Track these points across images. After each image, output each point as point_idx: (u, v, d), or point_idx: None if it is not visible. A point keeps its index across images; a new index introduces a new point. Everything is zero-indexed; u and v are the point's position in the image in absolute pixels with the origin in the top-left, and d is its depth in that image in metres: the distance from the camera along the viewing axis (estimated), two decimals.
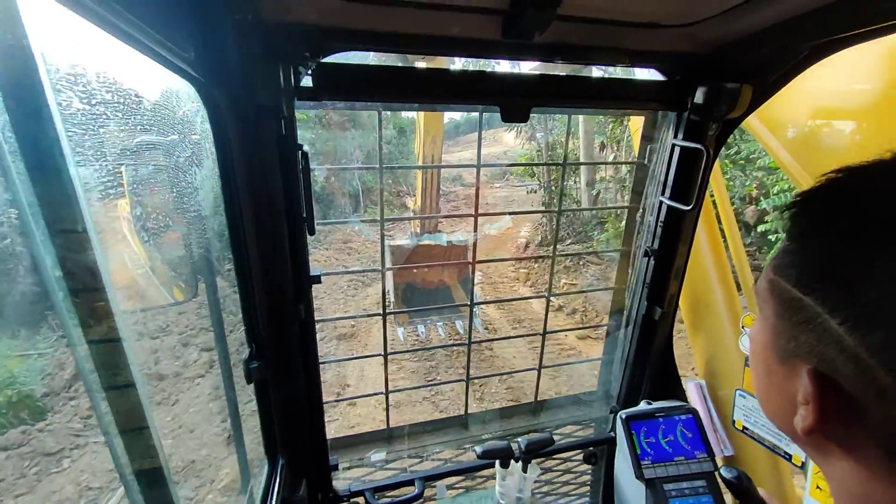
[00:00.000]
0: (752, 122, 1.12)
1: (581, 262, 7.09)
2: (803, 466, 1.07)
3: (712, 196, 1.39)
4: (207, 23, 0.64)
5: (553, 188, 8.59)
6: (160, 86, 0.82)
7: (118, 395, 0.55)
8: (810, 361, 0.35)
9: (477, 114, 1.13)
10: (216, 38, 0.67)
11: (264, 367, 0.92)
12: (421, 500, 1.34)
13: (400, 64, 0.91)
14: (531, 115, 0.95)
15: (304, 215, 0.92)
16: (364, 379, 4.66)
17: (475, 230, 1.38)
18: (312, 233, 0.93)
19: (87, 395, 0.56)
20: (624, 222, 1.39)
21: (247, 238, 0.85)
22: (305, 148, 0.88)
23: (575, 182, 9.08)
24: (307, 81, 0.84)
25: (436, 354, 5.10)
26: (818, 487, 1.04)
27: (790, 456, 1.10)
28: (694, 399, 1.33)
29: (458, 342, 5.01)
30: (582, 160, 8.46)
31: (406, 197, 11.68)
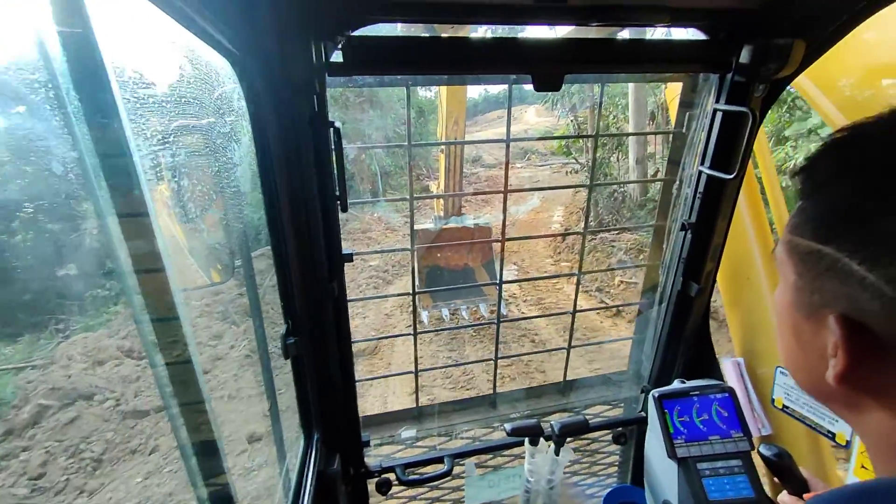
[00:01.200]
0: (803, 82, 1.05)
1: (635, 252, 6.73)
2: (848, 445, 1.03)
3: (755, 165, 1.32)
4: None
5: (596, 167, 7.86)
6: (199, 67, 0.83)
7: (178, 372, 0.57)
8: (836, 308, 0.36)
9: (496, 92, 1.11)
10: (251, 14, 0.67)
11: (301, 343, 0.94)
12: (450, 477, 1.37)
13: (427, 34, 0.89)
14: (563, 86, 0.92)
15: (338, 193, 0.92)
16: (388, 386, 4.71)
17: (504, 209, 1.36)
18: (345, 209, 0.93)
19: (150, 368, 0.58)
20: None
21: (282, 216, 0.86)
22: (338, 124, 0.88)
23: (618, 160, 8.13)
24: (337, 57, 0.83)
25: (458, 341, 5.13)
26: (863, 467, 1.00)
27: (833, 434, 1.07)
28: (731, 377, 1.30)
29: (486, 321, 5.03)
30: (632, 131, 7.91)
31: (427, 181, 11.43)
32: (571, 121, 8.59)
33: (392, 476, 1.30)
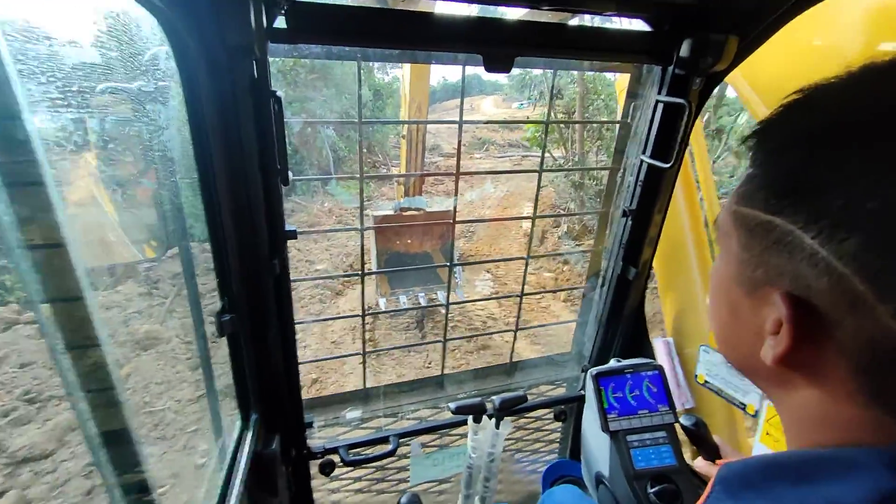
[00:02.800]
0: (736, 79, 1.12)
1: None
2: (756, 415, 1.14)
3: (691, 156, 1.40)
4: None
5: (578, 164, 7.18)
6: (124, 24, 0.75)
7: (81, 356, 0.53)
8: (782, 285, 0.34)
9: (454, 80, 1.10)
10: None
11: (237, 320, 0.91)
12: (395, 457, 1.38)
13: (378, 6, 0.86)
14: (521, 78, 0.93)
15: (279, 166, 0.88)
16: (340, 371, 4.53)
17: (456, 191, 1.36)
18: (286, 183, 0.90)
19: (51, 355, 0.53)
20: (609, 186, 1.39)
21: (218, 188, 0.81)
22: (279, 93, 0.83)
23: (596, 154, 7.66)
24: (281, 22, 0.79)
25: (415, 328, 5.12)
26: (768, 433, 1.11)
27: (745, 406, 1.17)
28: (661, 356, 1.39)
29: (438, 304, 5.06)
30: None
31: (384, 168, 11.04)
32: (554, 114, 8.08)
33: (336, 457, 1.29)
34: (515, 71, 1.02)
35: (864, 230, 0.29)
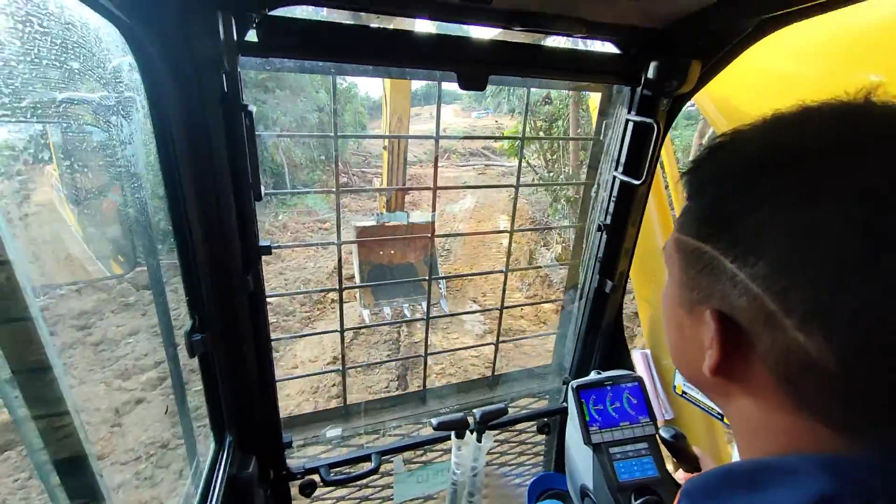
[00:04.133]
0: (703, 100, 1.16)
1: None
2: None
3: (663, 172, 1.44)
4: None
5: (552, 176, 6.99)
6: (87, 32, 0.74)
7: (30, 380, 0.50)
8: (711, 304, 0.38)
9: (415, 89, 1.10)
10: None
11: (208, 339, 0.88)
12: (378, 475, 1.35)
13: (353, 23, 0.86)
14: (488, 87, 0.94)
15: (251, 180, 0.87)
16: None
17: (433, 205, 1.36)
18: (259, 198, 0.88)
19: None
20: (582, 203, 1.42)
21: (187, 203, 0.79)
22: (251, 107, 0.83)
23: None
24: (252, 35, 0.78)
25: (404, 347, 5.04)
26: None
27: (722, 416, 1.19)
28: (640, 367, 1.40)
29: (417, 318, 5.02)
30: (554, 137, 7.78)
31: (342, 176, 10.73)
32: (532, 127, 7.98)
33: (316, 477, 1.25)
34: None
35: (769, 254, 0.33)
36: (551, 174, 7.49)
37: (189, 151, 0.76)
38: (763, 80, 1.13)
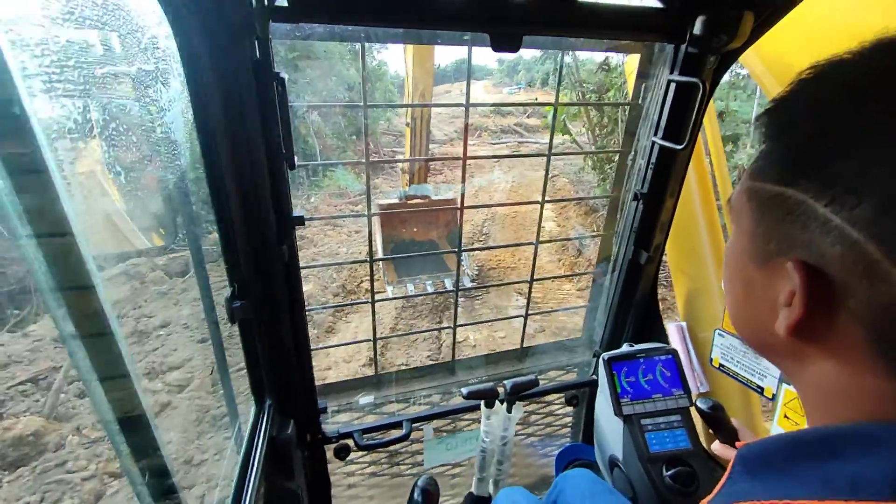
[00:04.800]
0: (751, 59, 1.08)
1: None
2: (774, 398, 1.12)
3: (704, 139, 1.37)
4: None
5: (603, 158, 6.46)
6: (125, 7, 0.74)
7: (95, 344, 0.53)
8: (794, 254, 0.35)
9: (444, 65, 1.07)
10: None
11: (248, 306, 0.91)
12: (409, 442, 1.39)
13: None
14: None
15: (284, 150, 0.87)
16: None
17: (463, 176, 1.34)
18: (293, 167, 0.89)
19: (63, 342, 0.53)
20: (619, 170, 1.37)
21: (224, 173, 0.80)
22: (283, 75, 0.82)
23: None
24: (283, 1, 0.77)
25: (429, 319, 5.07)
26: (786, 416, 1.10)
27: (762, 389, 1.16)
28: (675, 340, 1.37)
29: (446, 290, 5.05)
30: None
31: (374, 155, 10.62)
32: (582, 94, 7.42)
33: (350, 442, 1.30)
34: (508, 56, 0.99)
35: (876, 195, 0.29)
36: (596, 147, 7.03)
37: (224, 119, 0.76)
38: (813, 33, 1.04)
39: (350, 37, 0.95)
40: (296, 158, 0.90)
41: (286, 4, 0.76)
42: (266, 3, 0.74)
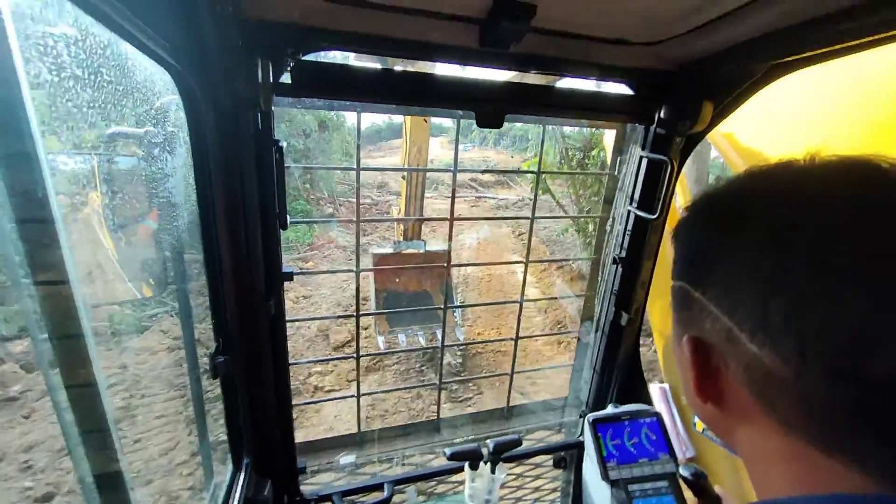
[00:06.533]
0: (717, 138, 1.18)
1: None
2: None
3: (679, 207, 1.45)
4: (187, 12, 0.65)
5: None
6: (136, 75, 0.82)
7: (80, 395, 0.54)
8: (688, 333, 0.43)
9: (400, 120, 1.15)
10: (195, 28, 0.67)
11: (231, 362, 0.91)
12: None
13: (379, 66, 0.93)
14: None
15: (277, 210, 0.92)
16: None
17: (450, 236, 1.40)
18: (285, 227, 0.93)
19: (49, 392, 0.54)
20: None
21: (218, 230, 0.84)
22: (282, 143, 0.89)
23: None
24: (286, 77, 0.85)
25: (419, 373, 4.93)
26: None
27: None
28: (658, 402, 1.37)
29: (433, 346, 4.98)
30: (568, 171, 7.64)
31: (328, 206, 10.32)
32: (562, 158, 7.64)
33: None
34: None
35: (722, 282, 0.39)
36: (582, 211, 7.14)
37: (224, 182, 0.82)
38: (775, 121, 1.15)
39: (346, 108, 1.04)
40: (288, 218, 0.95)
41: (289, 81, 0.84)
42: (271, 80, 0.82)
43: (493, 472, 1.27)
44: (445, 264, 1.52)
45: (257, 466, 1.07)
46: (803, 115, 1.06)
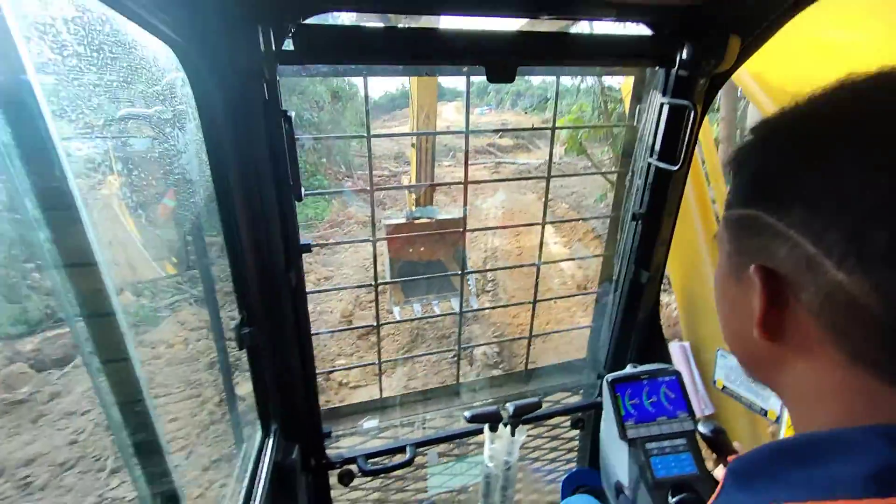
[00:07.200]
0: (743, 77, 1.11)
1: None
2: (778, 420, 1.11)
3: (702, 159, 1.39)
4: None
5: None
6: (142, 53, 0.80)
7: (115, 371, 0.55)
8: (756, 261, 0.40)
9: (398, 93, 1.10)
10: (194, 1, 0.65)
11: (256, 332, 0.93)
12: (413, 467, 1.38)
13: (382, 24, 0.88)
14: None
15: (291, 182, 0.91)
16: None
17: (465, 200, 1.38)
18: (300, 199, 0.93)
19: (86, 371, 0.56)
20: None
21: (235, 205, 0.84)
22: (290, 113, 0.87)
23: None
24: (289, 45, 0.82)
25: (434, 341, 5.02)
26: None
27: (766, 412, 1.14)
28: (678, 361, 1.37)
29: (451, 312, 5.03)
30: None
31: (346, 179, 10.27)
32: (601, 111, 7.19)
33: (354, 467, 1.30)
34: (477, 78, 1.04)
35: (804, 201, 0.36)
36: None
37: (236, 157, 0.81)
38: (808, 53, 1.07)
39: (352, 73, 1.00)
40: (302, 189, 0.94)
41: (292, 48, 0.81)
42: (274, 48, 0.79)
43: (512, 434, 1.29)
44: (461, 230, 1.50)
45: (285, 432, 1.12)
46: (841, 45, 0.98)
